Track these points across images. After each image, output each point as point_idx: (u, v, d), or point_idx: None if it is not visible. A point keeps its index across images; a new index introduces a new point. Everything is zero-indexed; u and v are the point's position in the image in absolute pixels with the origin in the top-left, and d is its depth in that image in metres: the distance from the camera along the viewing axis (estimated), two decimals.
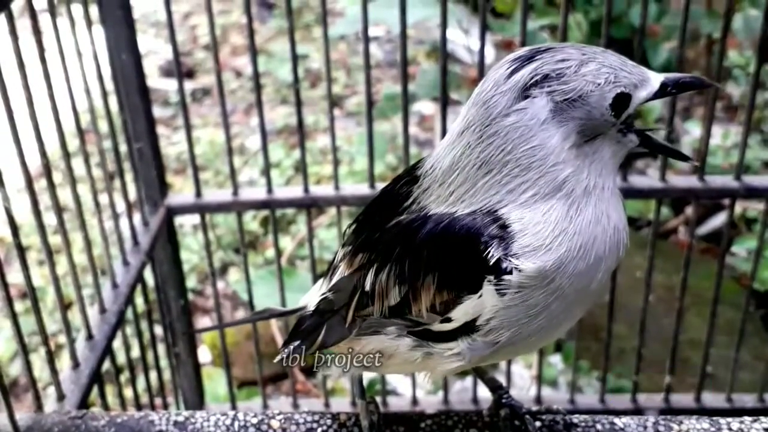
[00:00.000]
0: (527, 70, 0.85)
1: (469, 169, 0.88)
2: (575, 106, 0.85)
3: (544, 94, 0.84)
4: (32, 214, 1.22)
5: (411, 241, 0.90)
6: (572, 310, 0.91)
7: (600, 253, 0.88)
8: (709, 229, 3.01)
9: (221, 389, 2.33)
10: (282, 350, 1.07)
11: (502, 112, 0.86)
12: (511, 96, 0.85)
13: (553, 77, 0.84)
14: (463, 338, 0.90)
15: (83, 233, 1.43)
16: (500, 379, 1.26)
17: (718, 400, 1.93)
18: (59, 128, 1.32)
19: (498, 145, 0.86)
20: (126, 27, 1.64)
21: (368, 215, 1.02)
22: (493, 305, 0.86)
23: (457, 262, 0.87)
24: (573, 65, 0.85)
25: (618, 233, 0.90)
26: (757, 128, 3.35)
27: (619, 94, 0.85)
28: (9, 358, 2.71)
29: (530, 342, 0.92)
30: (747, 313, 1.85)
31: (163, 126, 3.99)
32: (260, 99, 1.72)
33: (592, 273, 0.88)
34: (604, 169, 0.88)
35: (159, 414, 1.13)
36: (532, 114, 0.85)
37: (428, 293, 0.89)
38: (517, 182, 0.86)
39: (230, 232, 3.26)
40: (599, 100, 0.85)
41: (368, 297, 0.95)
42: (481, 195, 0.88)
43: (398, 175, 1.01)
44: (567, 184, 0.86)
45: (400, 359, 0.96)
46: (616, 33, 3.24)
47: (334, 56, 4.36)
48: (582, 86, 0.84)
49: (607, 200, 0.88)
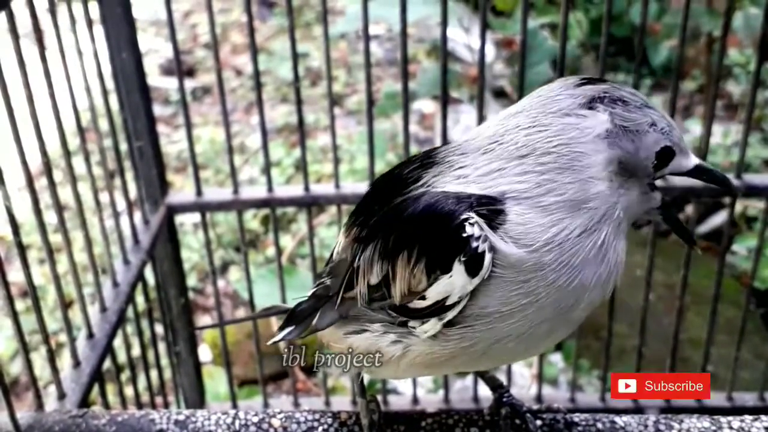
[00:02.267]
0: (600, 86, 0.88)
1: (509, 145, 0.89)
2: (629, 137, 0.87)
3: (608, 112, 0.87)
4: (33, 213, 1.22)
5: (398, 218, 0.90)
6: (551, 325, 0.90)
7: (586, 281, 0.87)
8: (709, 227, 3.01)
9: (222, 388, 2.33)
10: (276, 333, 1.07)
11: (563, 110, 0.87)
12: (577, 101, 0.88)
13: (620, 103, 0.87)
14: (436, 317, 0.89)
15: (84, 232, 1.43)
16: (501, 377, 1.26)
17: (718, 398, 1.93)
18: (60, 127, 1.32)
19: (547, 136, 0.87)
20: (126, 25, 1.64)
21: (369, 197, 1.02)
22: (462, 286, 0.85)
23: (433, 239, 0.87)
24: (639, 102, 0.88)
25: (615, 270, 0.90)
26: (757, 127, 3.35)
27: (668, 147, 0.88)
28: (10, 357, 2.71)
29: (509, 348, 0.90)
30: (747, 311, 1.85)
31: (163, 124, 3.99)
32: (261, 97, 1.72)
33: (573, 297, 0.88)
34: (629, 209, 0.89)
35: (160, 413, 1.13)
36: (590, 123, 0.87)
37: (404, 271, 0.89)
38: (547, 177, 0.86)
39: (231, 230, 3.27)
40: (650, 143, 0.88)
41: (355, 275, 0.95)
42: (506, 178, 0.87)
43: (407, 159, 1.00)
44: (594, 201, 0.86)
45: (384, 355, 0.96)
46: (616, 31, 3.25)
47: (335, 55, 4.36)
48: (642, 122, 0.87)
49: (619, 236, 0.89)
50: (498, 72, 4.05)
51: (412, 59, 4.23)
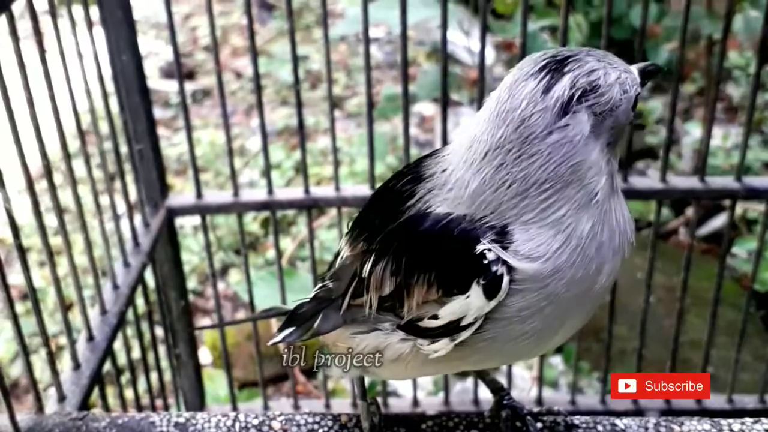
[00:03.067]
0: (564, 84, 0.84)
1: (500, 187, 0.86)
2: (610, 116, 0.85)
3: (584, 108, 0.84)
4: (33, 215, 1.22)
5: (409, 236, 0.90)
6: (569, 315, 0.90)
7: (605, 257, 0.88)
8: (709, 230, 3.01)
9: (222, 390, 2.33)
10: (276, 335, 1.07)
11: (544, 131, 0.84)
12: (552, 113, 0.84)
13: (590, 90, 0.84)
14: (449, 338, 0.89)
15: (84, 234, 1.43)
16: (501, 380, 1.26)
17: (719, 401, 1.93)
18: (60, 129, 1.32)
19: (540, 164, 0.84)
20: (127, 28, 1.64)
21: (370, 209, 1.02)
22: (479, 307, 0.86)
23: (449, 260, 0.87)
24: (601, 76, 0.85)
25: (625, 235, 0.90)
26: (757, 129, 3.35)
27: (637, 95, 0.88)
28: (10, 360, 2.71)
29: (522, 346, 0.91)
30: (748, 314, 1.85)
31: (163, 127, 3.99)
32: (261, 100, 1.72)
33: (593, 278, 0.88)
34: (615, 171, 0.89)
35: (160, 415, 1.13)
36: (576, 130, 0.84)
37: (420, 290, 0.89)
38: (553, 200, 0.85)
39: (231, 233, 3.26)
40: (627, 106, 0.86)
41: (364, 285, 0.95)
42: (503, 209, 0.86)
43: (399, 171, 1.00)
44: (599, 194, 0.86)
45: (392, 352, 0.96)
46: (616, 34, 3.24)
47: (335, 57, 4.36)
48: (614, 96, 0.85)
49: (617, 201, 0.89)
50: (498, 75, 4.05)
51: (412, 62, 4.23)
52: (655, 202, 1.78)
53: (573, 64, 0.85)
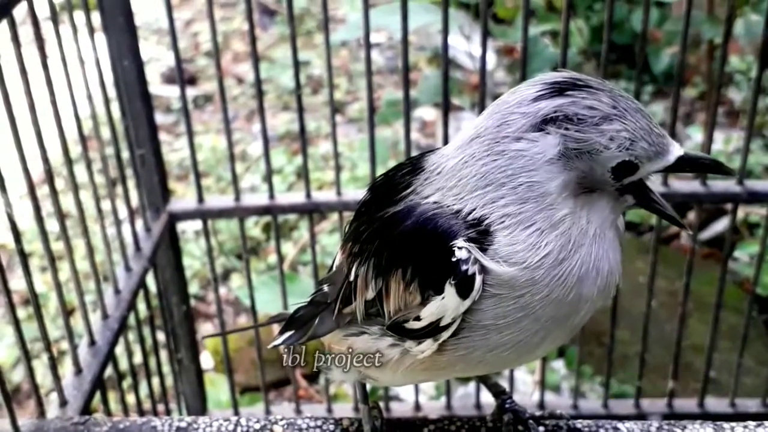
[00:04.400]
0: (553, 103, 0.83)
1: (469, 178, 0.87)
2: (582, 157, 0.83)
3: (558, 134, 0.83)
4: (34, 221, 1.22)
5: (390, 234, 0.90)
6: (548, 333, 0.89)
7: (587, 294, 0.87)
8: (711, 234, 3.00)
9: (224, 395, 2.33)
10: (276, 338, 1.08)
11: (514, 134, 0.84)
12: (527, 122, 0.84)
13: (574, 121, 0.83)
14: (432, 338, 0.89)
15: (85, 239, 1.44)
16: (503, 384, 1.26)
17: (721, 405, 1.93)
18: (61, 135, 1.32)
19: (500, 165, 0.85)
20: (128, 34, 1.64)
21: (366, 203, 1.01)
22: (455, 307, 0.86)
23: (426, 260, 0.87)
24: (598, 116, 0.83)
25: (610, 277, 0.89)
26: (758, 133, 3.35)
27: (625, 162, 0.84)
28: (12, 365, 2.71)
29: (505, 356, 0.90)
30: (750, 318, 1.84)
31: (165, 132, 3.99)
32: (262, 105, 1.72)
33: (572, 308, 0.88)
34: (605, 218, 0.87)
35: (161, 420, 1.13)
36: (540, 149, 0.83)
37: (398, 290, 0.89)
38: (513, 209, 0.85)
39: (232, 238, 3.26)
40: (606, 160, 0.83)
41: (352, 288, 0.95)
42: (476, 199, 0.86)
43: (401, 163, 1.00)
44: (563, 224, 0.85)
45: (383, 358, 0.96)
46: (617, 38, 3.25)
47: (336, 63, 4.36)
48: (595, 142, 0.82)
49: (605, 245, 0.87)
50: (499, 79, 4.05)
51: (413, 67, 4.24)
52: None
53: (580, 92, 0.84)
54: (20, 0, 1.19)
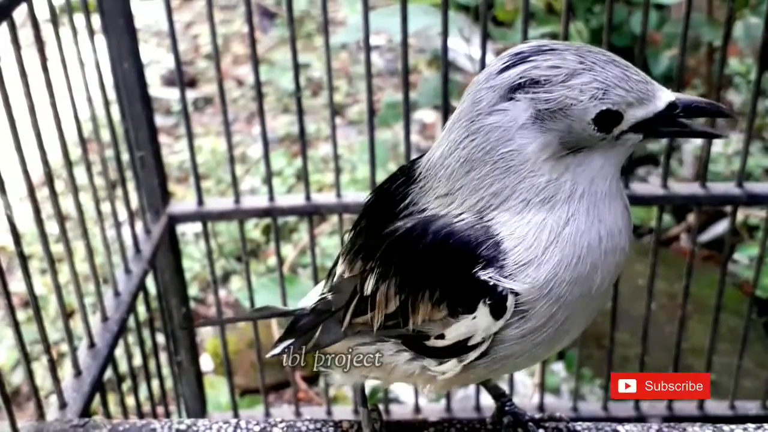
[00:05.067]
0: (517, 70, 0.83)
1: (454, 164, 0.87)
2: (556, 117, 0.82)
3: (526, 99, 0.82)
4: (34, 223, 1.22)
5: (411, 252, 0.89)
6: (575, 318, 0.89)
7: (595, 259, 0.86)
8: (711, 236, 3.00)
9: (223, 397, 2.33)
10: (275, 346, 1.07)
11: (485, 110, 0.84)
12: (496, 94, 0.83)
13: (540, 83, 0.82)
14: (456, 358, 0.89)
15: (85, 241, 1.44)
16: (503, 386, 1.26)
17: (721, 407, 1.93)
18: (61, 137, 1.32)
19: (478, 144, 0.84)
20: (128, 36, 1.65)
21: (366, 218, 1.01)
22: (486, 327, 0.85)
23: (454, 280, 0.86)
24: (563, 74, 0.81)
25: (614, 238, 0.87)
26: (758, 136, 3.35)
27: (604, 111, 0.81)
28: (11, 367, 2.71)
29: (536, 354, 0.91)
30: (749, 320, 1.84)
31: (165, 135, 4.00)
32: (262, 108, 1.72)
33: (590, 280, 0.87)
34: (597, 176, 0.85)
35: (161, 422, 1.13)
36: (511, 117, 0.83)
37: (426, 307, 0.88)
38: (499, 186, 0.85)
39: (232, 240, 3.26)
40: (581, 113, 0.81)
41: (367, 303, 0.94)
42: (467, 194, 0.86)
43: (394, 174, 0.99)
44: (546, 191, 0.84)
45: (400, 372, 0.96)
46: (617, 41, 3.24)
47: (336, 65, 4.36)
48: (565, 97, 0.81)
49: (602, 205, 0.86)
50: None
51: (413, 69, 4.24)
52: (657, 209, 1.78)
53: (543, 55, 0.83)
54: (20, 2, 1.20)
